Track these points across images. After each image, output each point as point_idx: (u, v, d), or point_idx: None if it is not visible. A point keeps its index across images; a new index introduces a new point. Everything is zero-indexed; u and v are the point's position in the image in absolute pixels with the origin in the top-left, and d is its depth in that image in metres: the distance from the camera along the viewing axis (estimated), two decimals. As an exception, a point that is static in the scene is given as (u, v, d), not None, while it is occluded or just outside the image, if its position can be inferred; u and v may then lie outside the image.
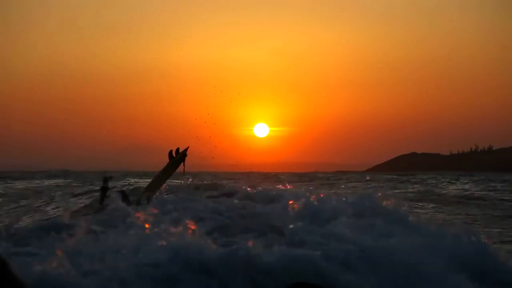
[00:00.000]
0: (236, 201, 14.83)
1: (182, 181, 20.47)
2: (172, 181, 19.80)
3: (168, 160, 17.83)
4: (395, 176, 76.85)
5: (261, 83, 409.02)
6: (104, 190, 16.48)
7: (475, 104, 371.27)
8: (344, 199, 13.05)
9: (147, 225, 8.30)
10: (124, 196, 16.00)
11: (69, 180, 61.36)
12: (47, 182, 60.34)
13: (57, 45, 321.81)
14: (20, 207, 26.66)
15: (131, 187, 24.97)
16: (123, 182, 51.29)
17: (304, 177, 79.49)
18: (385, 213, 11.04)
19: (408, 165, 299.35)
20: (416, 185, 45.39)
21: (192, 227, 8.07)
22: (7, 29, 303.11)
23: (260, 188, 21.45)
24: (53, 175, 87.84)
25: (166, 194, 17.93)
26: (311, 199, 12.52)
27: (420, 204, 25.76)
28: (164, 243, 7.72)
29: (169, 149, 18.13)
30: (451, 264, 8.48)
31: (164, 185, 18.19)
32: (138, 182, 57.47)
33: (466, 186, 42.83)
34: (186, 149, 17.76)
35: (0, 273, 3.38)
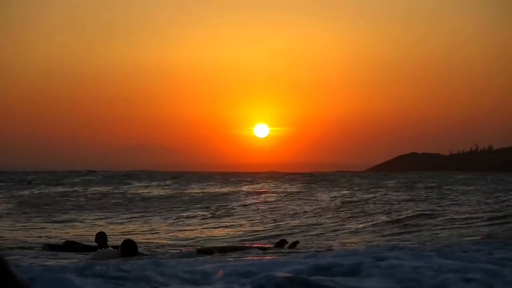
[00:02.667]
0: None
1: None
2: None
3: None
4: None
5: (261, 83, 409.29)
6: None
7: (475, 104, 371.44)
8: None
9: None
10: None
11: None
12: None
13: (57, 45, 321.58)
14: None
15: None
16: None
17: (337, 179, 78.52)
18: None
19: (408, 165, 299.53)
20: None
21: None
22: (7, 29, 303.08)
23: None
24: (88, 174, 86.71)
25: None
26: None
27: None
28: None
29: (282, 239, 19.18)
30: None
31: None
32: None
33: None
34: (296, 242, 18.84)
35: (1, 273, 3.33)
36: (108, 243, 16.73)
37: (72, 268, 7.22)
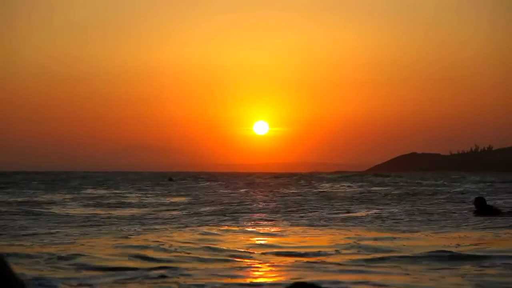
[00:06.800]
0: None
1: None
2: None
3: None
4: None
5: (261, 84, 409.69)
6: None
7: (475, 104, 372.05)
8: None
9: None
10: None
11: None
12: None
13: (57, 45, 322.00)
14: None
15: None
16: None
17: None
18: None
19: (408, 165, 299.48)
20: None
21: None
22: (9, 31, 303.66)
23: None
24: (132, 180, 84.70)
25: None
26: None
27: None
28: None
29: None
30: None
31: None
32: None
33: None
34: None
35: (1, 272, 3.32)
36: None
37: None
